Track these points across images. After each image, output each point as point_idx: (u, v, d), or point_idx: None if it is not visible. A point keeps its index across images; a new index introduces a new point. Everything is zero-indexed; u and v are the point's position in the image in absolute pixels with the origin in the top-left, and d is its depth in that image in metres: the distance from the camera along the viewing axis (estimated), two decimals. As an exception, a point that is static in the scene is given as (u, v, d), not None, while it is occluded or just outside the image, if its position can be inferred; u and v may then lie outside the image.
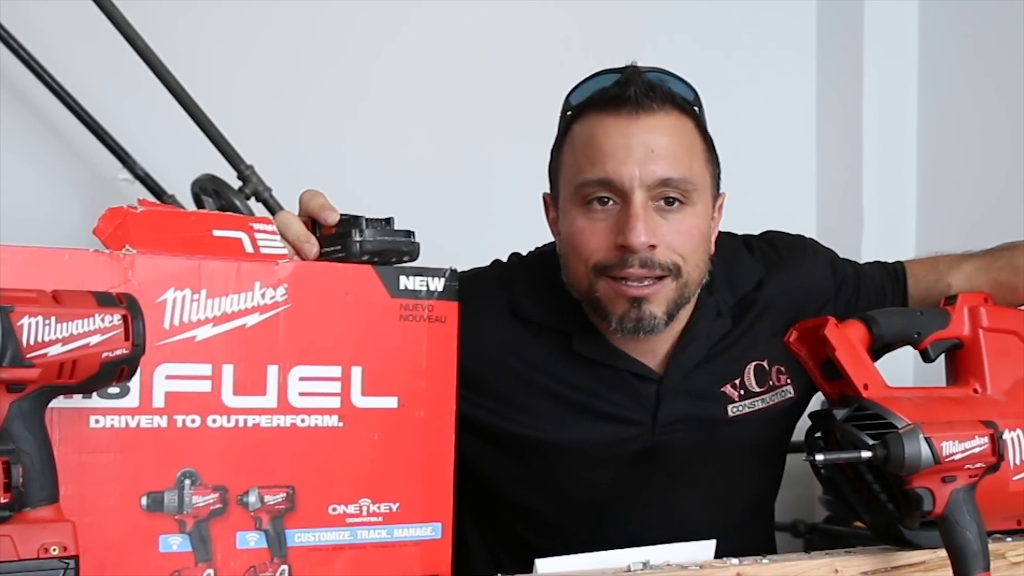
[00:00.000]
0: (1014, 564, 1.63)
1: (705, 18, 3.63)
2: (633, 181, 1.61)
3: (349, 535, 1.37)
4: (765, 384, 1.80)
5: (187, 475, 1.29)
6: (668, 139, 1.64)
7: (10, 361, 1.09)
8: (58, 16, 2.79)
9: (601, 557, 1.46)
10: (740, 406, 1.78)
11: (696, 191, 1.66)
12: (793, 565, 1.51)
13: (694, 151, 1.68)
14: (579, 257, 1.66)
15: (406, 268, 1.42)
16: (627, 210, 1.61)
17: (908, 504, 1.47)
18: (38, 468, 1.13)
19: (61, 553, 1.13)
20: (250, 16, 3.07)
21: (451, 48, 3.30)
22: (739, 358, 1.80)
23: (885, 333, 1.60)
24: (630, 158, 1.61)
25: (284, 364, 1.34)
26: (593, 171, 1.63)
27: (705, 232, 1.69)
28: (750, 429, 1.79)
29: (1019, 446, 1.60)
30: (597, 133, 1.64)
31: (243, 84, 3.01)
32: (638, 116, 1.63)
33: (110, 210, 1.30)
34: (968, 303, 1.66)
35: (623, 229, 1.60)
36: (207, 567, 1.30)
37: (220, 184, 2.64)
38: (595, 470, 1.76)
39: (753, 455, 1.84)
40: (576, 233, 1.66)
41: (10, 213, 2.75)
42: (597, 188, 1.63)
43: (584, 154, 1.65)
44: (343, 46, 3.16)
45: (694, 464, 1.78)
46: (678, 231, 1.64)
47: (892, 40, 3.67)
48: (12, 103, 2.81)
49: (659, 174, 1.61)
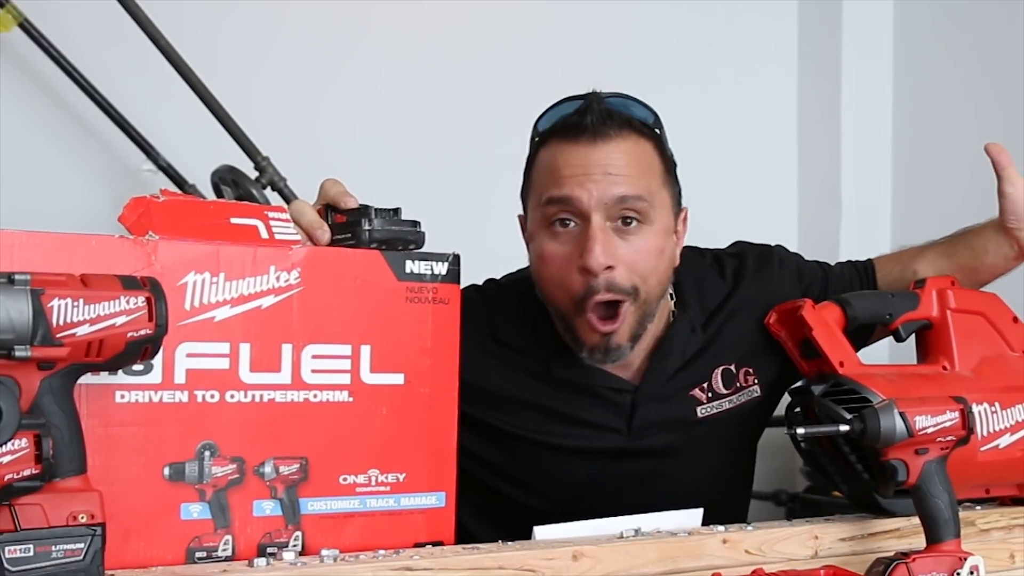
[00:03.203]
0: (983, 531, 1.63)
1: (690, 18, 3.63)
2: (591, 201, 1.60)
3: (359, 503, 1.37)
4: (732, 386, 1.79)
5: (207, 447, 1.29)
6: (625, 161, 1.63)
7: (41, 340, 1.09)
8: (87, 19, 2.79)
9: (595, 524, 1.46)
10: (708, 407, 1.78)
11: (653, 209, 1.65)
12: (776, 532, 1.51)
13: (652, 171, 1.67)
14: (545, 277, 1.68)
15: (412, 253, 1.41)
16: (586, 232, 1.61)
17: (883, 475, 1.47)
18: (67, 441, 1.13)
19: (89, 520, 1.13)
20: (267, 17, 3.07)
21: (459, 46, 3.30)
22: (708, 364, 1.79)
23: (859, 314, 1.60)
24: (588, 180, 1.61)
25: (297, 343, 1.34)
26: (555, 190, 1.63)
27: (664, 249, 1.68)
28: (719, 428, 1.79)
29: (987, 419, 1.60)
30: (558, 159, 1.64)
31: (260, 81, 3.01)
32: (595, 143, 1.63)
33: (134, 199, 1.29)
34: (936, 286, 1.67)
35: (583, 252, 1.60)
36: (225, 533, 1.30)
37: (238, 174, 2.64)
38: (573, 466, 1.77)
39: (722, 452, 1.83)
40: (541, 251, 1.67)
41: (43, 201, 2.76)
42: (559, 209, 1.63)
43: (548, 178, 1.66)
44: (355, 45, 3.16)
45: (667, 462, 1.78)
46: (636, 251, 1.63)
47: (869, 39, 3.67)
48: (45, 100, 2.81)
49: (616, 193, 1.61)
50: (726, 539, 1.46)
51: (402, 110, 3.19)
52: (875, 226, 3.52)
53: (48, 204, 2.75)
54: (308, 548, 1.33)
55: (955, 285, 1.68)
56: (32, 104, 2.81)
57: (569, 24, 3.39)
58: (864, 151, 3.61)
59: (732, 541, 1.47)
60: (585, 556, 1.37)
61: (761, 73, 3.73)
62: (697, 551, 1.44)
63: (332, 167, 1.89)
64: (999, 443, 1.61)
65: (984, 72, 3.40)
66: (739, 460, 1.91)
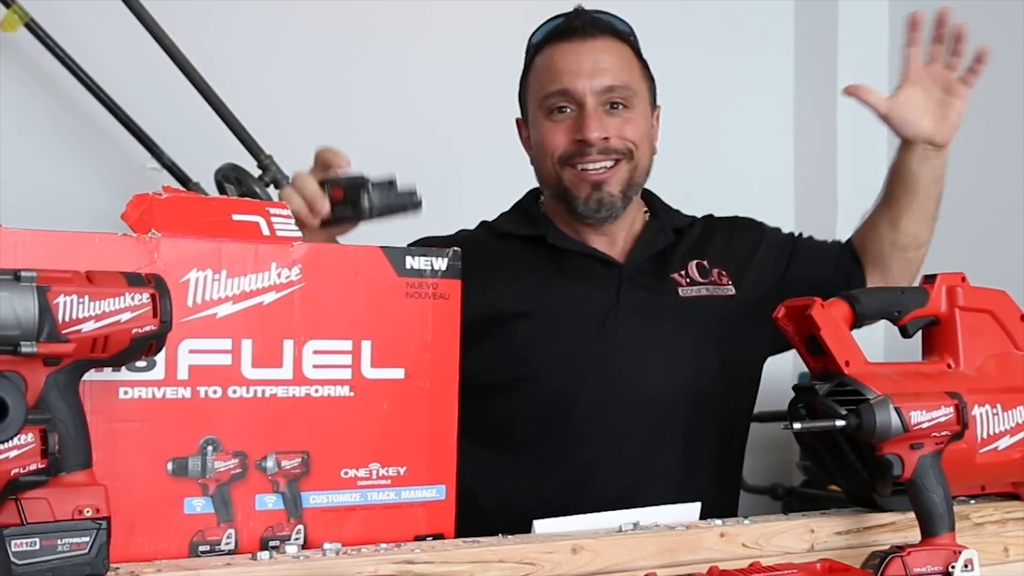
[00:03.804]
0: (977, 524, 1.63)
1: (688, 18, 3.62)
2: (585, 89, 1.86)
3: (360, 497, 1.37)
4: (707, 278, 1.97)
5: (209, 442, 1.29)
6: (610, 56, 1.89)
7: (47, 337, 1.09)
8: (93, 19, 2.79)
9: (594, 518, 1.46)
10: (688, 290, 1.94)
11: (636, 97, 1.91)
12: (772, 526, 1.51)
13: (632, 67, 1.93)
14: (546, 153, 1.91)
15: (412, 249, 1.42)
16: (582, 112, 1.86)
17: (879, 469, 1.47)
18: (72, 436, 1.13)
19: (94, 514, 1.13)
20: (271, 17, 3.07)
21: (464, 47, 3.30)
22: (682, 257, 1.98)
23: (867, 311, 1.59)
24: (581, 72, 1.87)
25: (299, 338, 1.34)
26: (553, 85, 1.89)
27: (647, 130, 1.94)
28: (699, 311, 1.93)
29: (987, 422, 1.59)
30: (554, 57, 1.90)
31: (264, 80, 3.01)
32: (584, 41, 1.89)
33: (136, 196, 1.29)
34: (946, 282, 1.64)
35: (581, 128, 1.86)
36: (228, 527, 1.30)
37: (241, 172, 2.63)
38: (572, 332, 1.90)
39: (705, 337, 1.93)
40: (543, 134, 1.91)
41: (48, 199, 2.76)
42: (557, 99, 1.88)
43: (546, 75, 1.91)
44: (360, 45, 3.16)
45: (654, 336, 1.91)
46: (626, 124, 1.89)
47: (865, 40, 3.67)
48: (51, 99, 2.81)
49: (605, 83, 1.87)
50: (723, 533, 1.46)
51: (405, 109, 3.18)
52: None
53: (53, 202, 2.75)
54: (310, 541, 1.33)
55: (965, 282, 1.66)
56: (37, 103, 2.81)
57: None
58: (860, 151, 3.60)
59: (729, 535, 1.47)
60: (584, 549, 1.37)
61: (758, 73, 3.73)
62: (695, 544, 1.44)
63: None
64: (998, 445, 1.60)
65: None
66: (723, 356, 1.95)
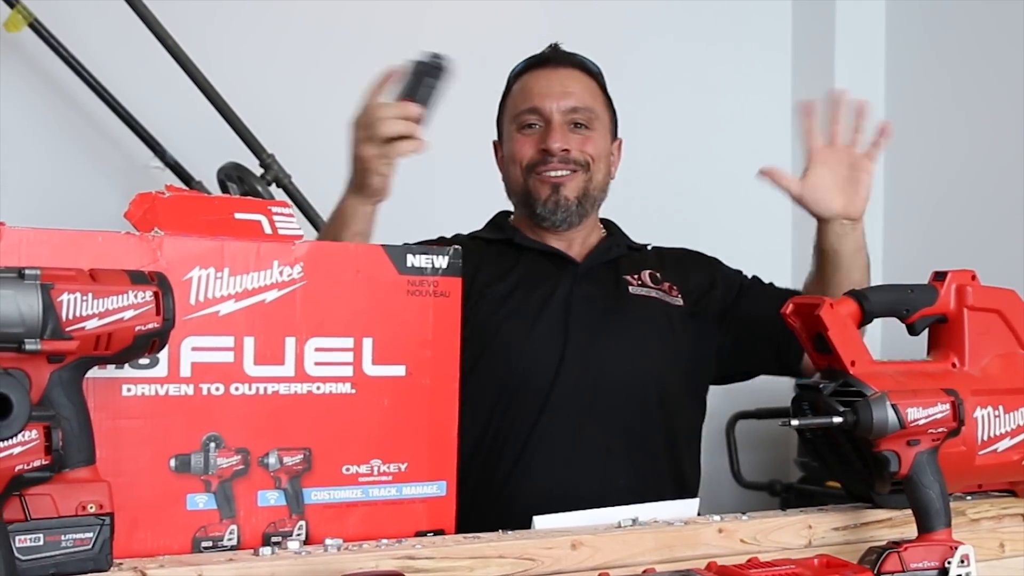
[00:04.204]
0: (973, 520, 1.63)
1: (689, 18, 3.63)
2: (552, 108, 2.04)
3: (361, 493, 1.37)
4: (658, 286, 2.07)
5: (212, 439, 1.29)
6: (578, 84, 2.08)
7: (51, 334, 1.09)
8: (96, 19, 2.79)
9: (593, 514, 1.47)
10: (638, 289, 2.06)
11: (597, 120, 2.08)
12: (770, 522, 1.51)
13: (596, 97, 2.10)
14: (515, 161, 2.07)
15: (413, 247, 1.42)
16: (549, 127, 2.04)
17: (877, 465, 1.47)
18: (76, 432, 1.13)
19: (97, 510, 1.13)
20: (272, 18, 3.07)
21: (462, 47, 3.27)
22: (635, 266, 2.10)
23: (875, 309, 1.57)
24: (551, 93, 2.05)
25: (301, 336, 1.34)
26: (525, 104, 2.07)
27: (605, 150, 2.09)
28: (649, 308, 2.04)
29: (988, 424, 1.59)
30: (528, 82, 2.10)
31: (265, 80, 3.01)
32: (556, 69, 2.09)
33: (139, 195, 1.29)
34: (957, 280, 1.62)
35: (546, 139, 2.03)
36: (231, 523, 1.30)
37: (244, 171, 2.64)
38: (528, 317, 2.00)
39: (656, 332, 2.02)
40: (514, 145, 2.07)
41: (51, 197, 2.76)
42: (528, 115, 2.06)
43: (520, 96, 2.10)
44: (359, 45, 3.16)
45: (607, 328, 2.00)
46: (586, 141, 2.05)
47: (861, 41, 3.68)
48: (54, 98, 2.81)
49: (571, 104, 2.05)
50: (722, 528, 1.46)
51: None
52: (867, 223, 3.51)
53: (57, 201, 2.75)
54: (312, 537, 1.33)
55: (975, 280, 1.64)
56: (41, 103, 2.81)
57: (567, 24, 3.39)
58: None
59: (727, 530, 1.47)
60: (584, 545, 1.37)
61: (756, 74, 3.73)
62: (693, 540, 1.44)
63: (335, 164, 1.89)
64: (998, 447, 1.59)
65: (974, 72, 3.40)
66: (669, 347, 2.03)
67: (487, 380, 1.93)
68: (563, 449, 1.91)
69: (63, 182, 2.82)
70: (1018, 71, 3.22)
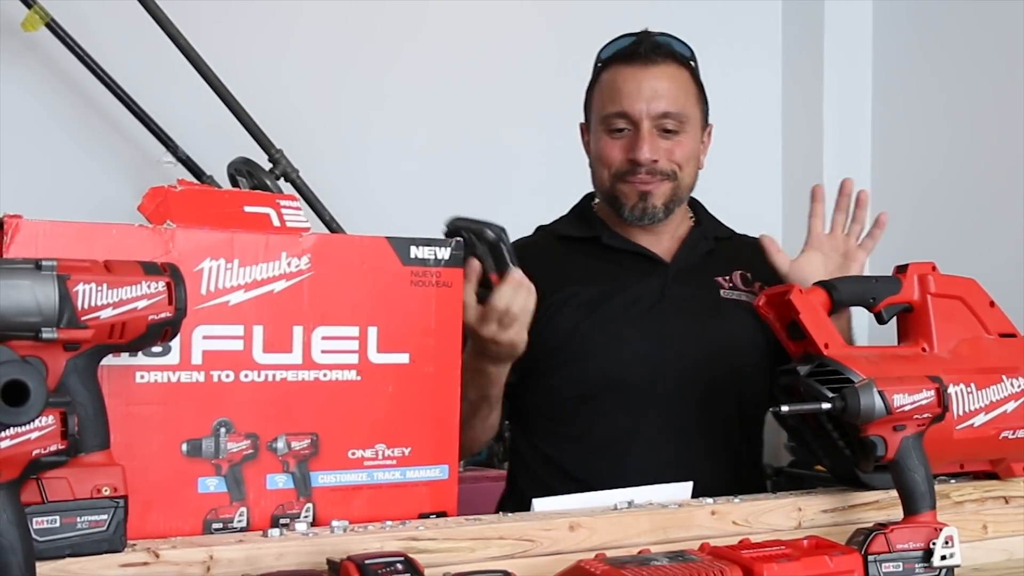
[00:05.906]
0: (957, 503, 1.63)
1: (679, 19, 3.59)
2: (642, 113, 1.91)
3: (366, 476, 1.37)
4: (749, 288, 1.99)
5: (222, 424, 1.29)
6: (668, 84, 1.94)
7: (67, 323, 1.09)
8: (111, 19, 2.79)
9: (590, 497, 1.47)
10: (729, 292, 1.99)
11: (688, 122, 1.95)
12: (761, 504, 1.51)
13: (688, 93, 1.97)
14: (603, 165, 1.97)
15: (416, 239, 1.41)
16: (637, 134, 1.92)
17: (863, 450, 1.47)
18: (91, 418, 1.13)
19: (112, 493, 1.13)
20: (281, 17, 3.07)
21: (465, 45, 3.29)
22: (725, 265, 2.03)
23: (843, 297, 1.60)
24: (640, 97, 1.92)
25: (308, 325, 1.34)
26: (614, 106, 1.94)
27: (695, 152, 1.98)
28: (739, 312, 1.94)
29: (963, 399, 1.60)
30: (617, 79, 1.96)
31: (274, 77, 3.01)
32: (646, 67, 1.94)
33: (152, 189, 1.29)
34: (918, 271, 1.66)
35: (634, 148, 1.92)
36: (240, 506, 1.30)
37: (253, 166, 2.64)
38: (620, 322, 1.93)
39: (743, 332, 1.94)
40: (602, 148, 1.97)
41: (67, 191, 2.76)
42: (617, 119, 1.94)
43: (608, 94, 1.97)
44: (365, 43, 3.16)
45: (700, 335, 1.93)
46: (676, 147, 1.94)
47: (850, 41, 3.67)
48: (71, 96, 2.81)
49: (661, 108, 1.92)
50: (714, 511, 1.46)
51: (410, 105, 3.18)
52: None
53: (73, 194, 2.75)
54: (319, 519, 1.34)
55: (935, 270, 1.67)
56: (58, 100, 2.81)
57: (564, 25, 3.38)
58: (845, 149, 3.62)
59: (720, 513, 1.47)
60: (581, 527, 1.37)
61: (747, 74, 3.72)
62: (687, 522, 1.44)
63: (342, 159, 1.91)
64: (974, 422, 1.61)
65: (960, 72, 3.39)
66: (761, 361, 1.93)
67: (575, 385, 1.92)
68: (657, 456, 1.87)
69: (79, 177, 2.82)
70: (1004, 71, 3.22)
